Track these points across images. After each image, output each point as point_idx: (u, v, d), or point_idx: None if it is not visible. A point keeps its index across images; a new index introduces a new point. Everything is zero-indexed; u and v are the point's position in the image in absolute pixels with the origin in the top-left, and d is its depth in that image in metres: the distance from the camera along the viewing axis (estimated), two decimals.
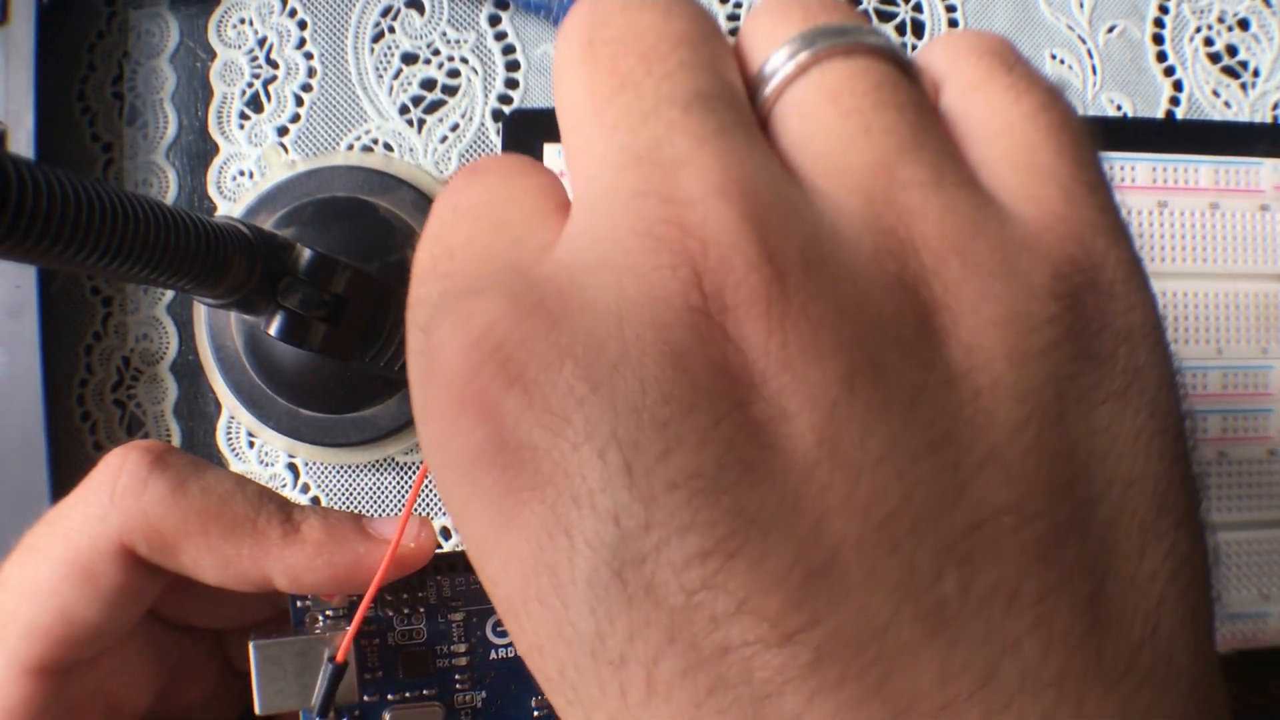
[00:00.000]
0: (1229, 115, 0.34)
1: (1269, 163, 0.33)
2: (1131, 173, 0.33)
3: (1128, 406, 0.12)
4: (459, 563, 0.23)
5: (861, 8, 0.34)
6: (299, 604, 0.22)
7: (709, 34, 0.13)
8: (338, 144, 0.33)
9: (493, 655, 0.23)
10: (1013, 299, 0.11)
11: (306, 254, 0.24)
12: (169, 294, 0.33)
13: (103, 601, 0.20)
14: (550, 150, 0.31)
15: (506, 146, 0.32)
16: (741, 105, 0.13)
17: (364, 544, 0.20)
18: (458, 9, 0.33)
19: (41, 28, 0.31)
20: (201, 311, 0.32)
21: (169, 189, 0.33)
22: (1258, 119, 0.35)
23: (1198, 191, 0.33)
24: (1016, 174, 0.13)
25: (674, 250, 0.11)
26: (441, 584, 0.23)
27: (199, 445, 0.33)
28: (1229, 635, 0.33)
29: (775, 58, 0.13)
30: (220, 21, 0.33)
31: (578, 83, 0.13)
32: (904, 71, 0.13)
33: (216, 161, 0.33)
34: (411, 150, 0.33)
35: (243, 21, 0.33)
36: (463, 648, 0.23)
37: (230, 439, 0.33)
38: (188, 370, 0.33)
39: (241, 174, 0.33)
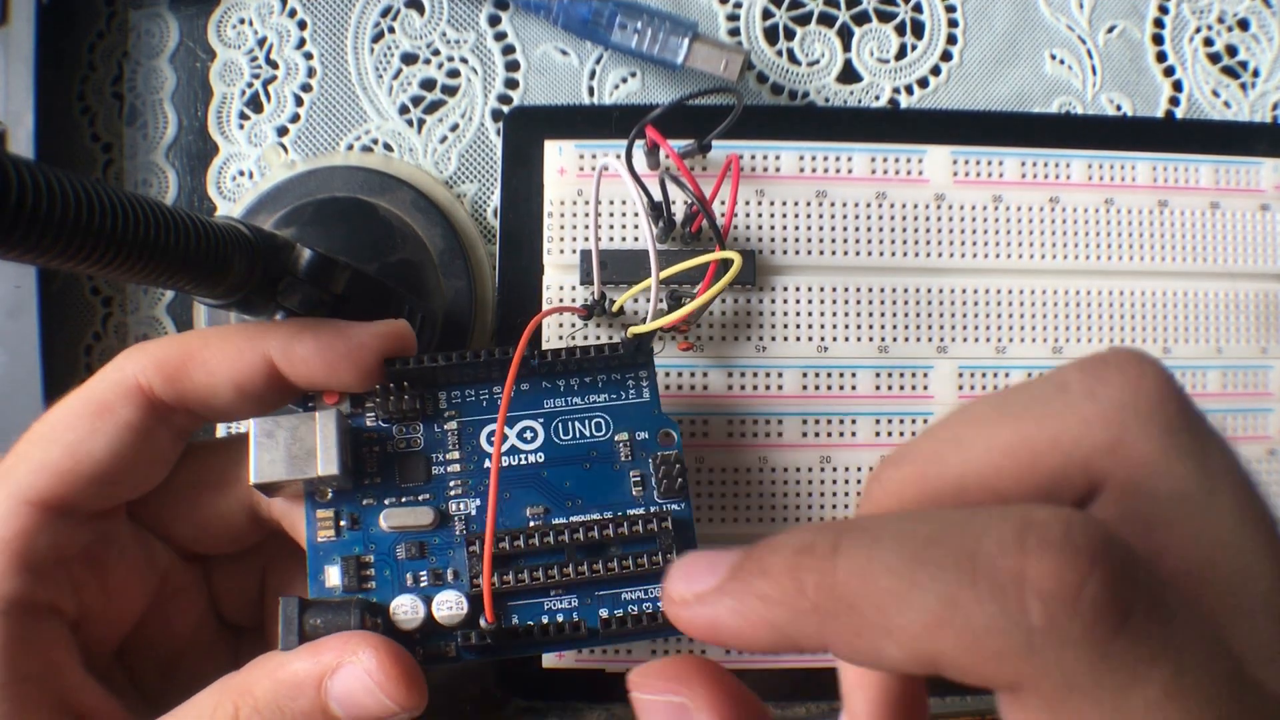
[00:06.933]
0: (1229, 115, 0.34)
1: (1269, 162, 0.33)
2: (1131, 172, 0.33)
3: None
4: (454, 376, 0.25)
5: (861, 8, 0.34)
6: (309, 404, 0.24)
7: None
8: (337, 144, 0.33)
9: (487, 464, 0.24)
10: None
11: (306, 254, 0.24)
12: (169, 294, 0.33)
13: (111, 437, 0.22)
14: (550, 148, 0.31)
15: (506, 145, 0.32)
16: None
17: (344, 322, 0.24)
18: (458, 9, 0.33)
19: (41, 28, 0.31)
20: (201, 311, 0.32)
21: (169, 189, 0.33)
22: (1258, 119, 0.35)
23: (1198, 191, 0.33)
24: None
25: None
26: (438, 396, 0.25)
27: None
28: None
29: None
30: (220, 21, 0.33)
31: None
32: None
33: (216, 161, 0.33)
34: (411, 150, 0.33)
35: (242, 21, 0.33)
36: (456, 454, 0.25)
37: None
38: None
39: (241, 174, 0.33)
